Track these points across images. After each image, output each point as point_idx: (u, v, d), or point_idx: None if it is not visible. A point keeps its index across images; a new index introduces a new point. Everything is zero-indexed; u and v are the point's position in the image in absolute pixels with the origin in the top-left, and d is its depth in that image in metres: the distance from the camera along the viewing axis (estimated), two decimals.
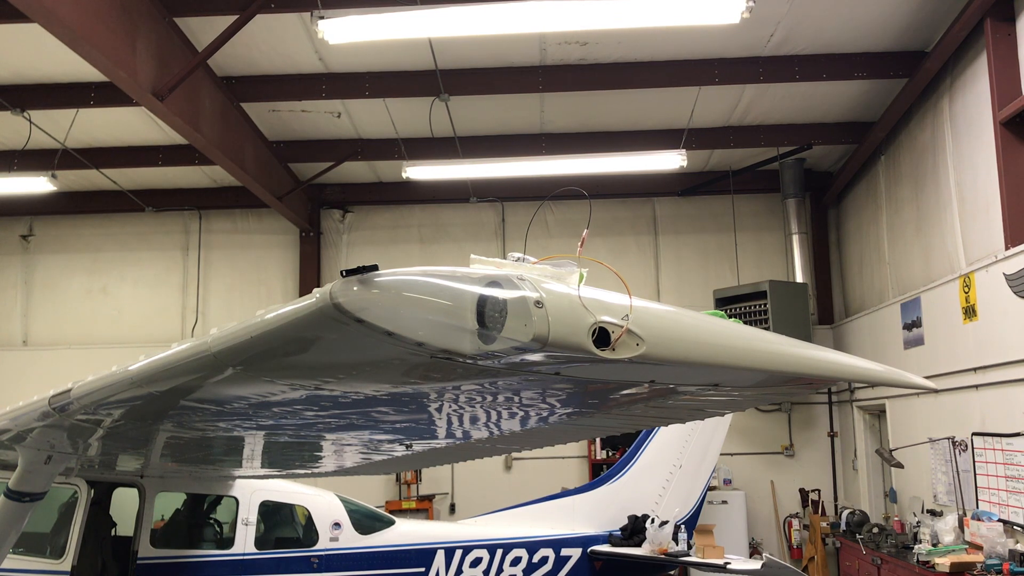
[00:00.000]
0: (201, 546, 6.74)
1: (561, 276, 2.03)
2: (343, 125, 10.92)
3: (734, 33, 8.59)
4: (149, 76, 7.64)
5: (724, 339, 2.20)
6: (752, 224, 12.89)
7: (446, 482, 12.58)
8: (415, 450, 4.42)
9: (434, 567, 7.40)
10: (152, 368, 2.67)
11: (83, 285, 13.38)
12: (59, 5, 6.29)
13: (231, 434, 3.84)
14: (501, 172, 11.30)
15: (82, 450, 4.69)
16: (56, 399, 3.44)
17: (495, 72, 9.56)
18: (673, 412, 3.08)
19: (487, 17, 6.99)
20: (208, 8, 8.06)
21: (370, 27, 7.01)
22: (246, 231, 13.46)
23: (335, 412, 3.00)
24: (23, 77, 9.50)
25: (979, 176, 8.41)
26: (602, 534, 8.44)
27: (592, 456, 12.52)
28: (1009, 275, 7.43)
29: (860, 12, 8.58)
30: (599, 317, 1.87)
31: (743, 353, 2.21)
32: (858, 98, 10.24)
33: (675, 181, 12.61)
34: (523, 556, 7.86)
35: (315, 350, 2.07)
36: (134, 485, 6.31)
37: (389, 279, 1.77)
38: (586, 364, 1.98)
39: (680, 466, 8.99)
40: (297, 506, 7.10)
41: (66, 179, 11.67)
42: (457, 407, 2.90)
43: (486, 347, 1.82)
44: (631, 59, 9.43)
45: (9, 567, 5.33)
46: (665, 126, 11.06)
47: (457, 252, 12.78)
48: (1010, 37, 7.91)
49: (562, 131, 11.24)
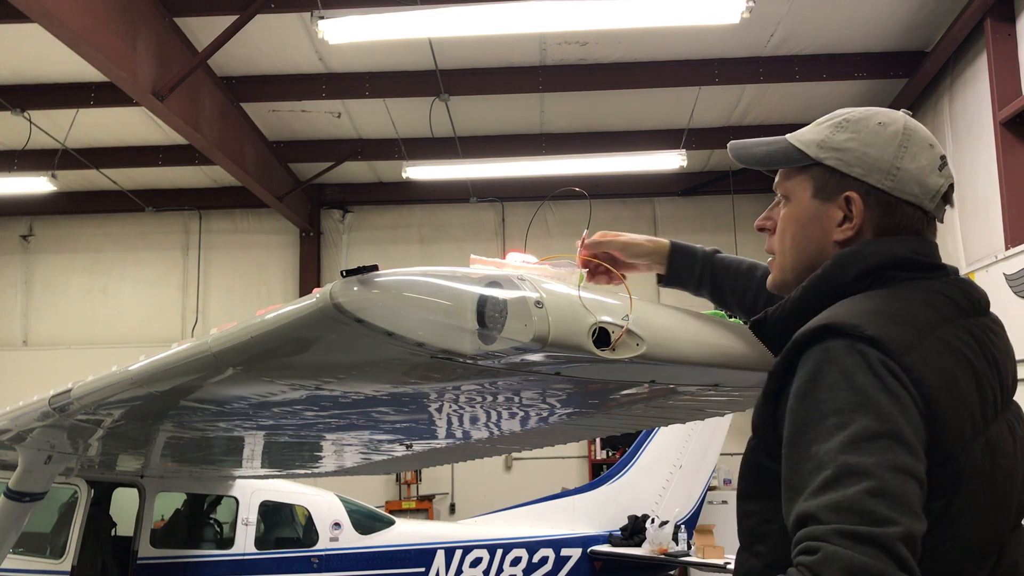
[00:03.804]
0: (201, 546, 6.75)
1: (561, 276, 2.03)
2: (343, 125, 10.92)
3: (734, 33, 8.59)
4: (149, 76, 7.65)
5: (724, 339, 2.20)
6: (752, 224, 12.80)
7: (446, 482, 12.58)
8: (415, 450, 4.42)
9: (434, 567, 7.40)
10: (152, 368, 2.67)
11: (83, 285, 13.37)
12: (59, 5, 6.30)
13: (231, 434, 3.84)
14: (501, 172, 11.30)
15: (82, 450, 4.69)
16: (56, 399, 3.44)
17: (495, 72, 9.56)
18: (673, 412, 3.08)
19: (487, 17, 6.99)
20: (208, 8, 8.07)
21: (370, 27, 7.02)
22: (246, 231, 13.46)
23: (335, 412, 3.00)
24: (23, 77, 9.50)
25: (979, 176, 8.41)
26: (602, 534, 8.44)
27: (592, 456, 12.52)
28: (1009, 275, 7.43)
29: (860, 12, 8.58)
30: (599, 317, 1.87)
31: (743, 353, 2.21)
32: (858, 98, 10.24)
33: (675, 181, 12.61)
34: (523, 556, 7.86)
35: (315, 350, 2.08)
36: (134, 485, 6.31)
37: (389, 279, 1.77)
38: (586, 364, 1.98)
39: (680, 466, 8.99)
40: (297, 506, 7.10)
41: (66, 179, 11.66)
42: (457, 407, 2.91)
43: (486, 347, 1.82)
44: (631, 59, 9.44)
45: (9, 567, 5.34)
46: (665, 126, 11.06)
47: (457, 252, 12.77)
48: (1010, 37, 7.91)
49: (562, 131, 11.24)
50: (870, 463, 1.32)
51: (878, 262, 1.63)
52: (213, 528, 6.92)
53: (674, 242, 2.29)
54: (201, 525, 6.93)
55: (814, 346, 1.48)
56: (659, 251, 2.27)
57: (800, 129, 1.88)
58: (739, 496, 1.65)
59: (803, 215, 1.77)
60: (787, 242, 1.80)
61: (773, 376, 1.56)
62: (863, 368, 1.41)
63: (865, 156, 1.71)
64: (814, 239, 1.74)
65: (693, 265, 2.27)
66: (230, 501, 6.77)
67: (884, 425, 1.36)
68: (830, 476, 1.33)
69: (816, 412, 1.41)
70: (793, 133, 1.86)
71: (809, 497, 1.34)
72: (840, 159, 1.72)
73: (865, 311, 1.51)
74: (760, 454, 1.58)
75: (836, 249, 1.70)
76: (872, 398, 1.38)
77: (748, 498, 1.62)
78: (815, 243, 1.74)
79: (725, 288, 2.26)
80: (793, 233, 1.78)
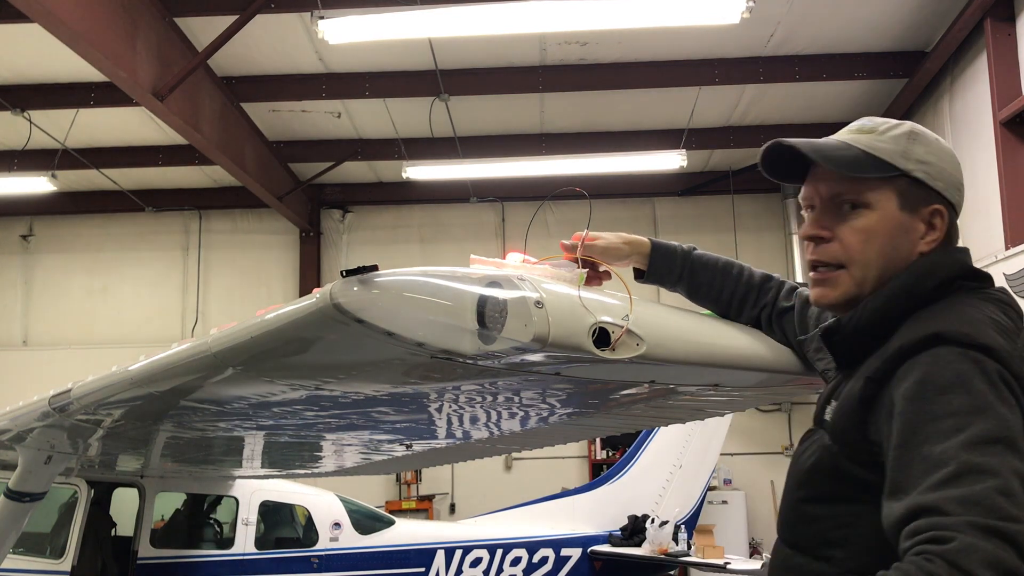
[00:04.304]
0: (201, 546, 6.75)
1: (561, 276, 2.03)
2: (343, 125, 10.91)
3: (734, 33, 8.58)
4: (149, 76, 7.65)
5: (724, 339, 2.20)
6: (752, 224, 12.89)
7: (446, 482, 12.58)
8: (415, 450, 4.42)
9: (434, 567, 7.40)
10: (152, 368, 2.67)
11: (83, 285, 13.36)
12: (59, 5, 6.29)
13: (231, 434, 3.84)
14: (501, 172, 11.30)
15: (82, 450, 4.69)
16: (56, 399, 3.44)
17: (495, 72, 9.56)
18: (673, 412, 3.08)
19: (487, 17, 6.99)
20: (208, 8, 8.06)
21: (370, 27, 7.02)
22: (246, 231, 13.45)
23: (335, 412, 3.00)
24: (23, 77, 9.50)
25: (979, 176, 8.41)
26: (602, 534, 8.44)
27: (592, 456, 12.51)
28: (1009, 275, 7.43)
29: (860, 12, 8.58)
30: (599, 317, 1.88)
31: (743, 353, 2.21)
32: (858, 98, 10.24)
33: (675, 181, 12.61)
34: (523, 556, 7.86)
35: (315, 350, 2.08)
36: (134, 485, 6.31)
37: (389, 279, 1.77)
38: (586, 364, 1.98)
39: (680, 466, 8.99)
40: (297, 506, 7.10)
41: (66, 179, 11.66)
42: (457, 407, 2.91)
43: (486, 347, 1.82)
44: (631, 59, 9.44)
45: (9, 567, 5.33)
46: (665, 126, 11.06)
47: (457, 252, 12.76)
48: (1010, 37, 7.91)
49: (562, 131, 11.24)
50: (994, 463, 1.34)
51: (954, 273, 1.67)
52: (213, 528, 6.92)
53: (654, 241, 2.34)
54: (201, 525, 6.93)
55: (922, 353, 1.50)
56: (639, 251, 2.32)
57: (838, 136, 1.86)
58: (800, 500, 1.66)
59: (891, 227, 1.73)
60: (871, 254, 1.73)
61: (871, 382, 1.57)
62: (979, 375, 1.44)
63: (943, 171, 1.75)
64: (902, 252, 1.72)
65: (673, 263, 2.32)
66: (230, 501, 6.77)
67: (1003, 431, 1.38)
68: (951, 473, 1.34)
69: (929, 415, 1.42)
70: (849, 141, 1.81)
71: (926, 492, 1.34)
72: (927, 172, 1.73)
73: (969, 320, 1.54)
74: (841, 459, 1.58)
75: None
76: (991, 404, 1.40)
77: (814, 502, 1.63)
78: (902, 256, 1.72)
79: (702, 284, 2.31)
80: (881, 245, 1.72)
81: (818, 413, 1.72)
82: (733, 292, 2.28)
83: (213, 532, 6.90)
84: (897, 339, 1.57)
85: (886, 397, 1.51)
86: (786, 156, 1.81)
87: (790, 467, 1.75)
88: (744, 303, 2.29)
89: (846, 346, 1.73)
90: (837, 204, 1.76)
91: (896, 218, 1.72)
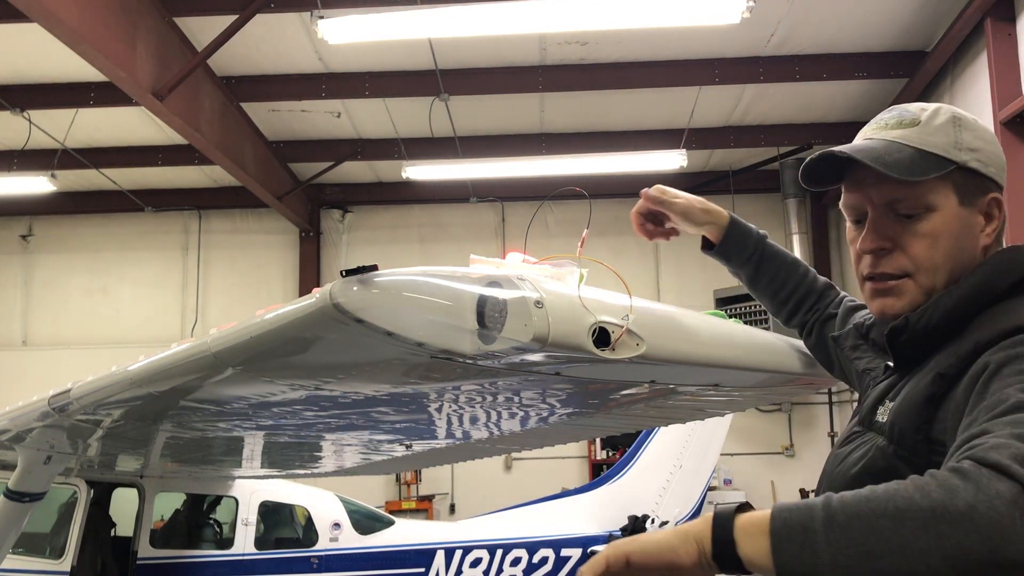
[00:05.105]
0: (201, 546, 6.74)
1: (561, 276, 2.03)
2: (343, 125, 10.92)
3: (734, 33, 8.58)
4: (149, 76, 7.65)
5: (724, 339, 2.20)
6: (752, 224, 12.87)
7: (446, 482, 12.57)
8: (415, 450, 4.42)
9: (434, 567, 7.39)
10: (152, 368, 2.67)
11: (83, 285, 13.36)
12: (59, 5, 6.29)
13: (231, 434, 3.83)
14: (501, 172, 11.30)
15: (82, 450, 4.69)
16: (56, 399, 3.44)
17: (495, 72, 9.56)
18: (673, 412, 3.08)
19: (487, 17, 6.99)
20: (208, 8, 8.06)
21: (370, 27, 7.02)
22: (246, 231, 13.45)
23: (335, 412, 3.00)
24: (23, 77, 9.50)
25: None
26: (602, 534, 8.42)
27: (592, 456, 12.51)
28: None
29: (860, 12, 8.58)
30: (599, 317, 1.87)
31: (743, 353, 2.21)
32: (858, 98, 10.24)
33: (675, 181, 12.40)
34: (523, 556, 7.85)
35: (315, 350, 2.07)
36: (134, 485, 6.31)
37: (389, 279, 1.76)
38: (586, 364, 1.98)
39: (680, 466, 8.98)
40: (297, 506, 7.09)
41: (66, 179, 11.66)
42: (457, 407, 2.90)
43: (486, 347, 1.82)
44: (631, 59, 9.43)
45: (9, 567, 5.33)
46: (665, 126, 11.06)
47: (457, 252, 12.75)
48: (1010, 37, 7.91)
49: (562, 131, 11.24)
50: None
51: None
52: (213, 528, 6.91)
53: (733, 216, 2.29)
54: (201, 525, 6.93)
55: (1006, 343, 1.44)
56: (715, 222, 2.27)
57: (877, 132, 1.71)
58: None
59: (955, 225, 1.63)
60: (938, 259, 1.63)
61: (942, 378, 1.51)
62: None
63: (992, 155, 1.66)
64: (967, 250, 1.64)
65: (747, 244, 2.26)
66: (230, 501, 6.77)
67: None
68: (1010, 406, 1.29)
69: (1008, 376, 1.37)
70: (897, 139, 1.67)
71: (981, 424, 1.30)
72: (979, 160, 1.64)
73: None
74: (896, 460, 1.53)
75: (981, 256, 1.65)
76: None
77: None
78: (968, 254, 1.64)
79: (766, 274, 2.24)
80: (947, 247, 1.63)
81: (867, 414, 1.65)
82: (794, 291, 2.21)
83: (213, 532, 6.89)
84: (972, 335, 1.51)
85: (957, 394, 1.46)
86: (825, 163, 1.71)
87: (827, 470, 1.68)
88: (801, 305, 2.23)
89: (914, 346, 1.64)
90: (894, 210, 1.65)
91: (958, 215, 1.64)
